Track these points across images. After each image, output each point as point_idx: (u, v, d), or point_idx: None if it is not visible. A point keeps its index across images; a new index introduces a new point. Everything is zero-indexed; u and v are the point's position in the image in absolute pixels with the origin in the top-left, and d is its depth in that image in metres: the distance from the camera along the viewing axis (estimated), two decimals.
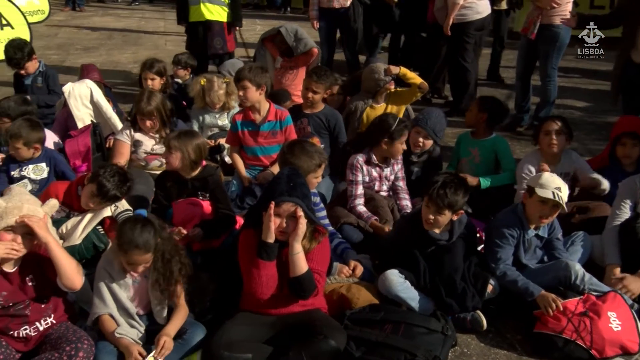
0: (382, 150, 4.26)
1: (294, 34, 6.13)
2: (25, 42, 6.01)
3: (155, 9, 15.10)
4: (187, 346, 2.96)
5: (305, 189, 2.99)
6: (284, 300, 3.01)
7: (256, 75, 4.38)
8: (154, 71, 5.59)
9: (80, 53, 10.08)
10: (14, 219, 2.74)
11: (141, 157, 4.63)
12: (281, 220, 2.91)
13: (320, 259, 3.03)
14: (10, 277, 2.83)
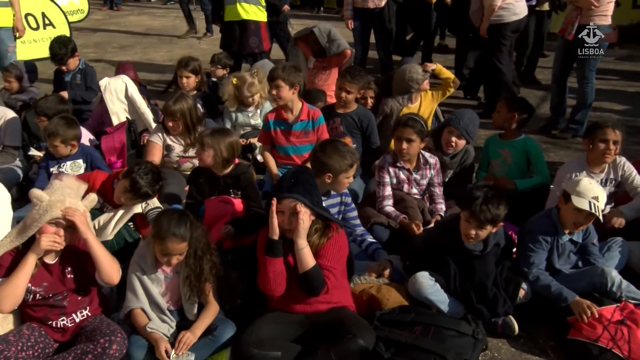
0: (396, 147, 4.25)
1: (327, 34, 6.13)
2: (70, 39, 6.17)
3: (190, 8, 15.24)
4: (217, 343, 2.98)
5: (309, 186, 3.00)
6: (309, 298, 3.02)
7: (290, 75, 4.39)
8: (189, 69, 5.66)
9: (116, 51, 10.27)
10: (58, 212, 2.81)
11: (174, 160, 4.68)
12: (284, 217, 2.94)
13: (331, 256, 3.02)
14: (50, 269, 2.91)
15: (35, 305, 2.91)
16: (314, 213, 2.99)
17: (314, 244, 3.00)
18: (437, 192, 4.32)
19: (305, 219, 2.92)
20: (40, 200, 2.80)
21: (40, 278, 2.88)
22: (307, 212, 2.95)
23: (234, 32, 7.02)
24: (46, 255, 2.89)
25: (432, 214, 4.23)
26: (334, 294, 3.04)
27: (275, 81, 4.41)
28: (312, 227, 3.01)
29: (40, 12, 9.11)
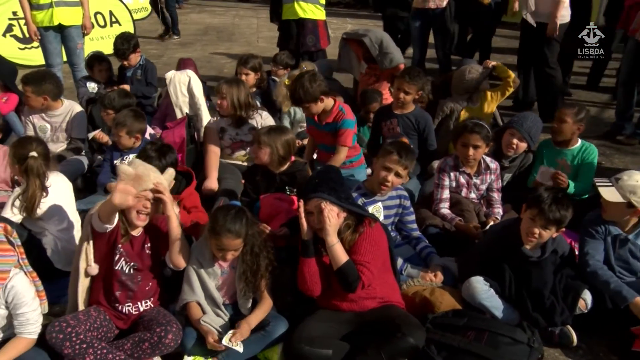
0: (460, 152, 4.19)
1: (378, 44, 5.96)
2: (132, 35, 6.37)
3: (249, 6, 15.49)
4: (270, 338, 3.02)
5: (333, 183, 3.02)
6: (354, 296, 3.02)
7: (315, 91, 4.24)
8: (248, 67, 5.74)
9: (177, 48, 10.50)
10: (151, 185, 2.94)
11: (227, 143, 4.79)
12: (313, 217, 2.96)
13: (365, 250, 3.01)
14: (133, 241, 3.07)
15: (114, 277, 3.05)
16: (343, 209, 3.00)
17: (346, 240, 3.02)
18: (496, 197, 4.25)
19: (331, 216, 2.94)
20: (126, 174, 2.92)
21: (125, 246, 3.05)
22: (334, 210, 2.96)
23: (292, 30, 7.07)
24: (134, 229, 3.05)
25: (487, 217, 4.16)
26: (377, 289, 3.04)
27: (300, 104, 4.38)
28: (343, 223, 3.03)
29: (108, 10, 9.46)
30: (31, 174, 3.44)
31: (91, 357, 2.77)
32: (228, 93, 4.67)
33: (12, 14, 8.46)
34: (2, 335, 2.86)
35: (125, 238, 3.05)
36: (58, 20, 6.28)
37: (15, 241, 2.80)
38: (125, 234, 3.05)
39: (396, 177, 3.62)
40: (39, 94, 4.85)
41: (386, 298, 3.06)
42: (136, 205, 2.95)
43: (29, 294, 2.80)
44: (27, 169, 3.44)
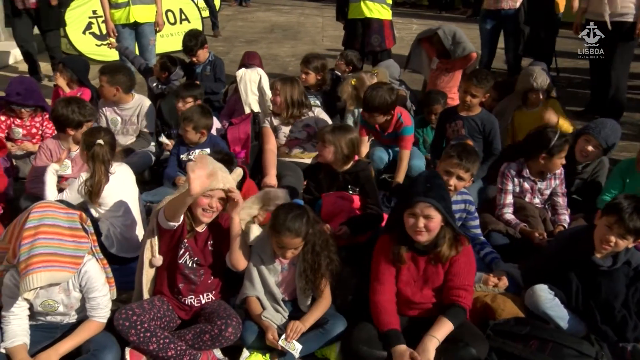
0: (539, 164, 4.05)
1: (452, 36, 5.98)
2: (200, 32, 6.52)
3: (314, 5, 15.57)
4: (328, 336, 3.03)
5: (442, 191, 2.94)
6: (419, 304, 3.00)
7: (385, 108, 4.57)
8: (310, 67, 5.74)
9: (243, 45, 10.66)
10: (220, 184, 2.99)
11: (282, 141, 4.86)
12: (416, 221, 2.87)
13: (465, 273, 2.95)
14: (197, 237, 3.13)
15: (178, 270, 3.13)
16: (444, 220, 2.91)
17: (443, 255, 2.93)
18: (561, 202, 4.13)
19: (435, 225, 2.87)
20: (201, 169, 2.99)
21: (190, 241, 3.13)
22: (439, 218, 2.88)
23: (357, 29, 7.05)
24: (198, 225, 3.12)
25: (553, 224, 4.05)
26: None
27: (371, 112, 4.60)
28: (441, 234, 2.93)
29: (178, 8, 9.73)
30: (97, 160, 3.63)
31: (154, 346, 2.87)
32: (282, 90, 4.78)
33: (92, 13, 8.85)
34: (77, 317, 3.00)
35: (190, 234, 3.12)
36: (134, 17, 6.53)
37: (89, 229, 2.92)
38: (190, 230, 3.12)
39: (458, 180, 3.57)
40: (112, 84, 5.06)
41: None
42: (203, 202, 3.01)
43: (100, 279, 2.92)
44: (93, 156, 3.63)
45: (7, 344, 2.78)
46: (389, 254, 2.99)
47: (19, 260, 2.67)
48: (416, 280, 3.00)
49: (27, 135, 5.26)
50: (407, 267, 2.99)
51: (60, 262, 2.72)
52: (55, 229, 2.77)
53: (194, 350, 2.93)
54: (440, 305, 2.98)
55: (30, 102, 5.17)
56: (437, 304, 3.00)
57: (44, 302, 2.87)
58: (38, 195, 4.09)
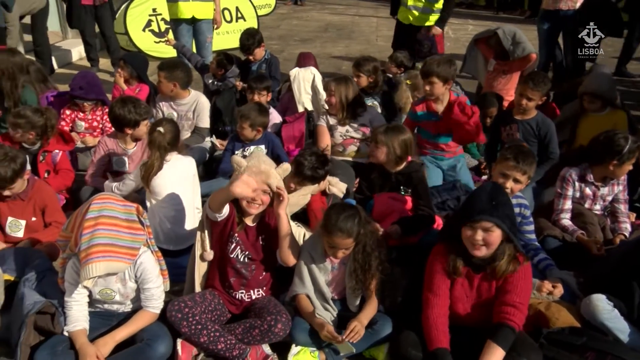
0: (606, 170, 3.91)
1: (511, 36, 5.88)
2: (257, 30, 6.60)
3: (369, 4, 15.50)
4: (376, 337, 3.03)
5: (507, 209, 2.81)
6: (474, 313, 2.93)
7: (444, 70, 4.50)
8: (361, 70, 5.70)
9: (297, 44, 10.73)
10: (269, 180, 3.02)
11: (338, 140, 4.87)
12: (473, 234, 2.76)
13: (519, 290, 2.82)
14: (248, 230, 3.17)
15: (229, 264, 3.18)
16: (504, 235, 2.78)
17: (499, 270, 2.82)
18: (622, 209, 3.99)
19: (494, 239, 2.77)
20: (239, 165, 3.05)
21: (241, 235, 3.16)
22: (499, 233, 2.76)
23: (406, 32, 7.02)
24: (247, 217, 3.15)
25: (613, 232, 3.92)
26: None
27: (429, 77, 4.52)
28: (500, 250, 2.81)
29: (234, 6, 9.87)
30: (153, 146, 3.74)
31: (205, 338, 2.92)
32: (336, 91, 4.80)
33: (151, 11, 9.08)
34: (132, 307, 3.09)
35: (240, 226, 3.16)
36: (192, 13, 6.64)
37: (145, 221, 2.99)
38: (240, 222, 3.16)
39: (515, 183, 3.49)
40: (169, 80, 5.17)
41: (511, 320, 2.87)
42: (258, 194, 3.04)
43: (154, 271, 3.00)
44: (151, 141, 3.74)
45: (69, 328, 2.91)
46: (444, 264, 2.89)
47: (79, 250, 2.77)
48: (468, 296, 2.93)
49: (88, 129, 5.44)
50: (461, 283, 2.91)
51: (117, 252, 2.80)
52: (113, 221, 2.86)
53: (243, 344, 2.97)
54: (489, 322, 2.87)
55: (91, 96, 5.35)
56: (487, 321, 2.90)
57: (102, 290, 2.97)
58: (98, 188, 4.24)
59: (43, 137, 4.45)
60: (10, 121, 4.38)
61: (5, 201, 3.75)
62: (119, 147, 4.53)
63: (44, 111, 4.48)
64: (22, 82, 5.21)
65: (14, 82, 5.18)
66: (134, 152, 4.55)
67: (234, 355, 2.94)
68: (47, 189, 3.93)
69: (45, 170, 4.45)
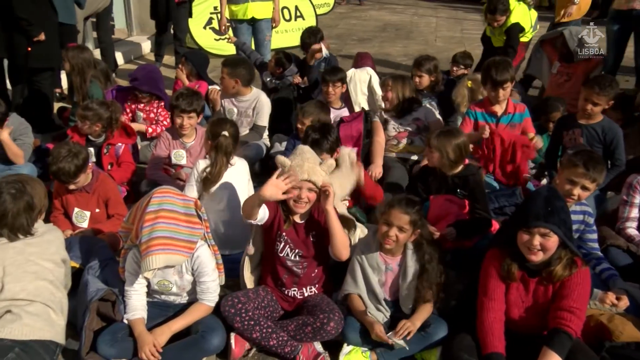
0: None
1: (578, 37, 5.71)
2: (318, 29, 6.64)
3: (428, 4, 15.34)
4: (429, 340, 3.00)
5: (564, 215, 2.74)
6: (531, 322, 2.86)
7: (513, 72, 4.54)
8: (423, 69, 5.66)
9: (355, 43, 10.72)
10: (308, 177, 3.02)
11: (392, 134, 4.90)
12: (531, 239, 2.70)
13: (576, 295, 2.73)
14: (297, 228, 3.18)
15: (280, 263, 3.20)
16: (561, 241, 2.72)
17: (555, 275, 2.75)
18: None
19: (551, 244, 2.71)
20: (283, 164, 3.08)
21: (290, 233, 3.18)
22: (556, 238, 2.70)
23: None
24: (295, 215, 3.16)
25: None
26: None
27: (499, 85, 4.49)
28: (556, 255, 2.75)
29: (294, 5, 9.95)
30: (220, 150, 3.75)
31: (257, 334, 2.96)
32: (393, 87, 4.86)
33: (213, 9, 9.27)
34: (188, 299, 3.16)
35: (287, 224, 3.17)
36: (251, 13, 6.75)
37: (203, 215, 3.05)
38: (287, 220, 3.17)
39: (582, 190, 3.38)
40: (232, 77, 5.26)
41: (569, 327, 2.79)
42: (293, 193, 3.03)
43: (210, 265, 3.05)
44: (218, 146, 3.75)
45: (128, 316, 3.01)
46: (499, 269, 2.85)
47: (140, 242, 2.85)
48: (524, 301, 2.86)
49: (146, 120, 5.60)
50: (516, 287, 2.85)
51: (176, 246, 2.87)
52: (173, 214, 2.92)
53: (295, 341, 2.99)
54: (545, 328, 2.80)
55: (144, 88, 5.49)
56: (543, 327, 2.83)
57: (160, 281, 3.05)
58: (157, 181, 4.35)
59: (108, 130, 4.61)
60: (78, 113, 4.56)
61: (72, 193, 3.92)
62: (177, 140, 4.63)
63: (109, 104, 4.66)
64: (89, 77, 5.41)
65: (82, 77, 5.39)
66: (192, 146, 4.65)
67: (285, 352, 2.97)
68: (110, 182, 4.08)
69: (109, 162, 4.61)
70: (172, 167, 4.68)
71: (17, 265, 2.84)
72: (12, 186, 2.88)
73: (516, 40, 6.42)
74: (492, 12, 6.39)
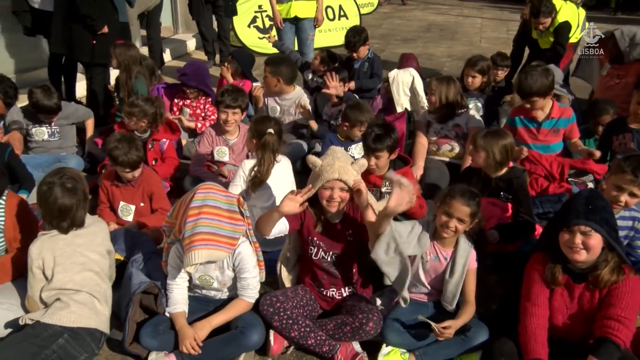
0: None
1: (630, 38, 5.53)
2: (363, 28, 6.60)
3: (474, 5, 15.13)
4: (469, 344, 2.96)
5: (606, 214, 2.66)
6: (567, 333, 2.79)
7: (542, 86, 4.37)
8: (475, 69, 5.57)
9: (399, 43, 10.65)
10: (339, 176, 3.00)
11: (432, 138, 4.85)
12: (572, 237, 2.64)
13: (624, 304, 2.64)
14: (331, 228, 3.18)
15: (316, 265, 3.21)
16: (605, 242, 2.66)
17: (602, 279, 2.67)
18: None
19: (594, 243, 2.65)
20: (314, 164, 3.07)
21: (325, 234, 3.17)
22: (599, 238, 2.64)
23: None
24: (329, 215, 3.15)
25: None
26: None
27: (530, 97, 4.40)
28: (602, 257, 2.68)
29: (338, 4, 9.94)
30: (267, 149, 3.78)
31: (295, 333, 2.97)
32: (437, 90, 4.79)
33: (257, 7, 9.36)
34: (228, 294, 3.20)
35: (318, 226, 3.16)
36: (295, 13, 6.79)
37: (245, 212, 3.08)
38: (318, 223, 3.16)
39: (630, 197, 3.28)
40: (274, 75, 5.32)
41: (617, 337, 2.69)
42: (325, 194, 3.03)
43: (251, 261, 3.08)
44: (264, 144, 3.77)
45: (170, 309, 3.06)
46: (543, 273, 2.79)
47: (183, 236, 2.90)
48: (569, 308, 2.79)
49: (192, 116, 5.69)
50: (561, 293, 2.78)
51: (218, 241, 2.90)
52: (216, 210, 2.96)
53: (334, 340, 3.00)
54: (591, 337, 2.72)
55: (192, 84, 5.60)
56: (588, 335, 2.75)
57: (201, 276, 3.10)
58: (199, 177, 4.42)
59: (153, 125, 4.70)
60: (125, 110, 4.66)
61: (119, 187, 4.01)
62: (220, 137, 4.69)
63: (154, 100, 4.76)
64: (135, 73, 5.53)
65: (128, 73, 5.52)
66: (235, 143, 4.70)
67: (323, 351, 2.98)
68: (154, 177, 4.16)
69: (154, 158, 4.70)
70: (214, 163, 4.74)
71: (66, 256, 2.95)
72: (67, 181, 2.97)
73: (565, 38, 6.25)
74: (535, 16, 6.24)
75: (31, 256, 2.93)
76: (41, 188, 2.96)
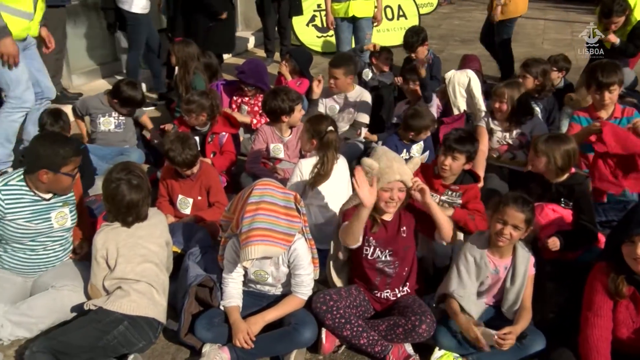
0: None
1: None
2: (422, 28, 6.52)
3: (537, 6, 14.73)
4: (525, 352, 2.91)
5: None
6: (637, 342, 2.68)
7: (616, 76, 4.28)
8: (528, 70, 5.43)
9: (457, 44, 10.50)
10: (400, 177, 3.00)
11: (494, 145, 4.74)
12: (635, 248, 2.55)
13: None
14: (387, 226, 3.17)
15: (370, 266, 3.18)
16: None
17: None
18: None
19: None
20: (371, 168, 3.03)
21: (379, 233, 3.15)
22: None
23: None
24: (383, 214, 3.14)
25: None
26: None
27: (606, 88, 4.29)
28: None
29: (397, 4, 9.91)
30: (330, 147, 3.81)
31: (347, 332, 2.97)
32: (509, 98, 4.58)
33: (316, 7, 9.43)
34: (282, 290, 3.23)
35: (375, 227, 3.14)
36: (352, 12, 6.80)
37: (302, 209, 3.10)
38: (374, 223, 3.13)
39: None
40: (347, 75, 5.31)
41: None
42: (385, 196, 3.01)
43: (306, 258, 3.09)
44: (327, 142, 3.80)
45: (225, 303, 3.12)
46: (606, 284, 2.69)
47: (240, 231, 2.94)
48: (635, 321, 2.68)
49: (250, 113, 5.76)
50: (626, 305, 2.68)
51: (274, 237, 2.93)
52: (273, 207, 2.99)
53: (386, 341, 2.98)
54: None
55: (250, 81, 5.65)
56: None
57: (257, 271, 3.14)
58: (256, 174, 4.47)
59: (212, 118, 4.78)
60: (183, 108, 4.77)
61: (178, 180, 4.10)
62: (275, 135, 4.74)
63: (208, 92, 4.86)
64: (192, 69, 5.65)
65: (186, 69, 5.65)
66: (289, 140, 4.74)
67: (375, 351, 2.97)
68: (212, 171, 4.24)
69: (212, 151, 4.80)
70: (270, 160, 4.79)
71: (128, 248, 3.05)
72: (134, 178, 3.07)
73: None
74: (607, 16, 5.97)
75: (96, 246, 3.04)
76: (109, 185, 3.06)
